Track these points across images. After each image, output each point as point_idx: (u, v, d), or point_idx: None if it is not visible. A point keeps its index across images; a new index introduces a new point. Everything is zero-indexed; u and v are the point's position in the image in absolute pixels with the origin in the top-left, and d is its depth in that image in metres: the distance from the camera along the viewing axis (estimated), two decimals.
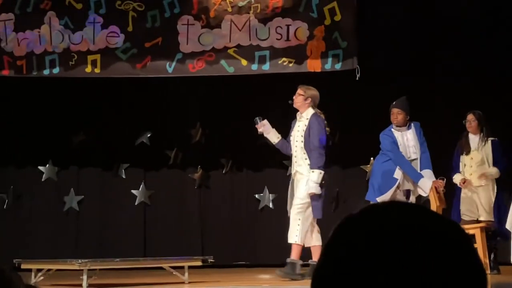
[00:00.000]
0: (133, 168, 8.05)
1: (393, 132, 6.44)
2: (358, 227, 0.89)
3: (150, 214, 8.04)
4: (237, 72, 7.12)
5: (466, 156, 6.57)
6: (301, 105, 6.30)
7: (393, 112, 6.42)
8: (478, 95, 7.32)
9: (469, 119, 6.63)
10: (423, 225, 0.87)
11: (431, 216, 0.89)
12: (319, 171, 6.08)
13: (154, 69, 7.07)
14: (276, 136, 6.41)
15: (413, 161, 6.36)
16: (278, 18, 7.08)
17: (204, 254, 7.21)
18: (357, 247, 0.86)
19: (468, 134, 6.65)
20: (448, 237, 0.86)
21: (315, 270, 0.90)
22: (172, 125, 7.97)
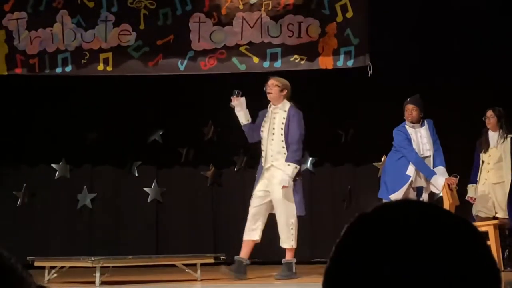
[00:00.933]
0: (146, 165, 8.08)
1: (407, 128, 6.42)
2: (371, 225, 0.89)
3: (163, 211, 8.06)
4: (248, 69, 7.12)
5: (485, 153, 6.53)
6: (277, 97, 6.22)
7: (407, 108, 6.40)
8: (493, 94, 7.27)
9: (488, 116, 6.60)
10: (436, 223, 0.87)
11: (444, 214, 0.89)
12: (294, 165, 6.04)
13: (166, 67, 7.08)
14: (246, 118, 6.33)
15: (426, 158, 6.34)
16: (289, 15, 7.07)
17: (216, 251, 7.22)
18: (370, 245, 0.86)
19: (488, 131, 6.62)
20: (461, 235, 0.86)
21: (327, 268, 0.90)
22: (184, 123, 7.99)
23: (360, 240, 0.87)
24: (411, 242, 0.84)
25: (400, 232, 0.85)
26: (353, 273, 0.85)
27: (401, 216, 0.88)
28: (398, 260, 0.83)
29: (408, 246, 0.84)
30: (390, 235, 0.85)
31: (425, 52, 7.65)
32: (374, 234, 0.87)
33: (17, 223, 7.89)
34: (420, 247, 0.84)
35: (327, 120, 7.93)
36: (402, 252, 0.83)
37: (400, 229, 0.86)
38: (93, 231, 7.97)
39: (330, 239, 7.82)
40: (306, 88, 7.78)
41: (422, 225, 0.86)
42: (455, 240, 0.85)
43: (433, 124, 6.43)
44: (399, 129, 6.46)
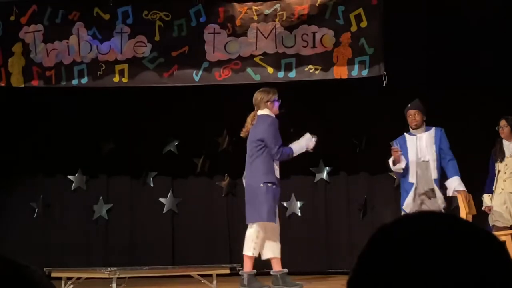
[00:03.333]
0: (161, 176, 8.10)
1: (406, 137, 6.38)
2: (392, 237, 0.89)
3: (178, 222, 8.07)
4: (263, 80, 7.13)
5: (501, 163, 6.50)
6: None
7: (410, 114, 6.37)
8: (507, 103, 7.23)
9: (502, 125, 6.57)
10: (456, 233, 0.87)
11: (463, 224, 0.89)
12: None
13: (181, 78, 7.11)
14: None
15: (425, 163, 6.29)
16: (304, 25, 7.08)
17: (232, 262, 7.21)
18: (392, 257, 0.86)
19: (502, 141, 6.58)
20: (482, 245, 0.86)
21: (350, 279, 0.90)
22: (199, 133, 8.00)
23: (382, 252, 0.88)
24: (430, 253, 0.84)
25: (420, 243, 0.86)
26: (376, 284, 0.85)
27: (420, 227, 0.88)
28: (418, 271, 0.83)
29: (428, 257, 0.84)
30: (412, 247, 0.86)
31: (439, 59, 7.63)
32: (396, 246, 0.87)
33: (34, 234, 7.93)
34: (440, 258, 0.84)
35: (341, 129, 7.92)
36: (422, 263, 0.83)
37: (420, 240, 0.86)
38: (109, 241, 7.99)
39: (346, 249, 7.79)
40: (321, 97, 7.78)
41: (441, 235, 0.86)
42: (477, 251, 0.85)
43: (444, 133, 6.37)
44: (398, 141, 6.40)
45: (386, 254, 0.86)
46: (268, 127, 6.00)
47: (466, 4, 7.40)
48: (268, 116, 6.06)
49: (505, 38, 7.52)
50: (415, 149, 6.28)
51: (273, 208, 5.91)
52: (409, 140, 6.35)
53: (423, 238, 0.85)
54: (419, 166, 6.26)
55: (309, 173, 8.07)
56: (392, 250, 0.87)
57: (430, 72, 7.57)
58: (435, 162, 6.24)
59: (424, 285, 0.82)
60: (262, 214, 5.92)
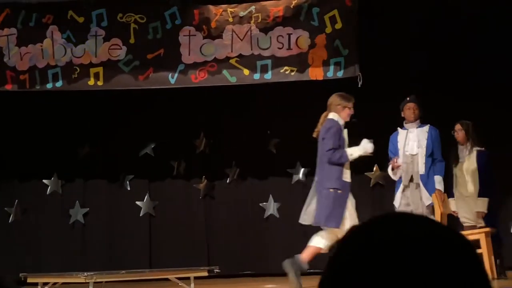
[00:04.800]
0: (138, 179, 8.06)
1: (399, 132, 6.48)
2: (362, 239, 0.89)
3: (155, 225, 8.04)
4: (239, 81, 7.14)
5: (455, 167, 6.59)
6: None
7: (410, 107, 6.46)
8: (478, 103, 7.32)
9: (457, 129, 6.65)
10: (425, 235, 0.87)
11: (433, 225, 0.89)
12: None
13: (156, 80, 7.09)
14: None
15: (413, 157, 6.39)
16: (279, 27, 7.10)
17: (210, 264, 7.21)
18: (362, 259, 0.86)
19: (458, 145, 6.68)
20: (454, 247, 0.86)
21: (320, 282, 0.90)
22: (176, 136, 7.98)
23: (352, 254, 0.88)
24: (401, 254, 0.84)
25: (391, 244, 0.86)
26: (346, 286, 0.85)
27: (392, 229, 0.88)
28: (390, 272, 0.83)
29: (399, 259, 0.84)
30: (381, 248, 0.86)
31: (416, 60, 7.68)
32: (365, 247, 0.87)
33: (10, 239, 7.84)
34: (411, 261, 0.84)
35: None
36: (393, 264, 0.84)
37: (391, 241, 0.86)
38: (86, 246, 7.93)
39: None
40: (297, 99, 7.80)
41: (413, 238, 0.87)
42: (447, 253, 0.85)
43: (438, 134, 6.48)
44: (391, 138, 6.54)
45: (356, 256, 0.87)
46: (329, 130, 6.00)
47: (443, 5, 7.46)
48: (333, 120, 6.05)
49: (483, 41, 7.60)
50: (403, 142, 6.39)
51: (335, 213, 5.84)
52: (401, 134, 6.48)
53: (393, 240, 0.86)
54: (405, 159, 6.37)
55: (286, 174, 8.09)
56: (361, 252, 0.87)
57: (406, 73, 7.62)
58: (423, 158, 6.34)
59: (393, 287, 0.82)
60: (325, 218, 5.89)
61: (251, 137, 7.96)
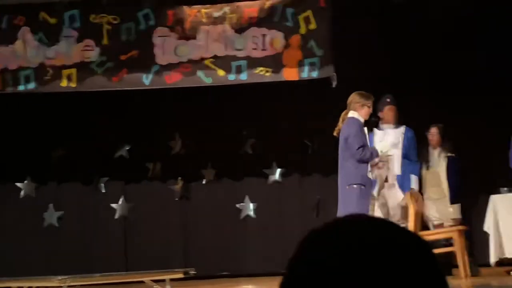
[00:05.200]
0: (113, 181, 8.00)
1: (375, 132, 6.53)
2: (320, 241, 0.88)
3: (131, 227, 7.99)
4: (214, 82, 7.12)
5: (427, 170, 6.63)
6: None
7: (392, 109, 6.53)
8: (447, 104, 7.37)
9: (432, 133, 6.67)
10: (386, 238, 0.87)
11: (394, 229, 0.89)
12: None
13: (130, 81, 7.04)
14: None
15: (390, 157, 6.48)
16: (253, 28, 7.10)
17: (186, 265, 7.17)
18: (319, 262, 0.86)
19: (429, 148, 6.71)
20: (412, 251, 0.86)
21: (280, 285, 0.90)
22: (151, 137, 7.94)
23: (310, 257, 0.87)
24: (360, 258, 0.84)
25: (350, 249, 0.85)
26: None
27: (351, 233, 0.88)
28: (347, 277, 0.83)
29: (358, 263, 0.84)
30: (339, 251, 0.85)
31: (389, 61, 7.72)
32: (323, 250, 0.87)
33: None
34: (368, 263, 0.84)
35: (294, 130, 7.96)
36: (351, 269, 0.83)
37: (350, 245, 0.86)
38: (60, 249, 7.86)
39: None
40: (273, 99, 7.80)
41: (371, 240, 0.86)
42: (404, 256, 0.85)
43: (414, 135, 6.55)
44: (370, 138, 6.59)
45: (315, 259, 0.86)
46: (351, 128, 5.99)
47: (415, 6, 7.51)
48: (354, 118, 6.04)
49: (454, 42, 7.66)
50: (379, 143, 6.43)
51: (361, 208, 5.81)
52: (377, 134, 6.52)
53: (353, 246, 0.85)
54: (382, 159, 6.42)
55: (262, 174, 8.09)
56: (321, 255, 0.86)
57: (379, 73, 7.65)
58: (399, 158, 6.39)
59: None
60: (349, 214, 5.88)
61: (227, 138, 7.95)
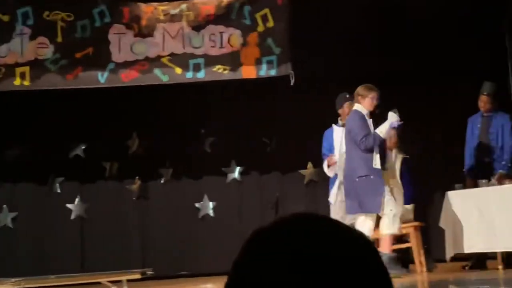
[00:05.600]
0: (68, 181, 7.88)
1: (334, 129, 6.59)
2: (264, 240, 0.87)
3: (87, 228, 7.88)
4: (171, 80, 7.07)
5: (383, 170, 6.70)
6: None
7: (351, 106, 6.59)
8: None
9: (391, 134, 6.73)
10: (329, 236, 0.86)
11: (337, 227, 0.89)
12: None
13: (85, 79, 6.94)
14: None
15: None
16: (211, 25, 7.07)
17: (144, 266, 7.11)
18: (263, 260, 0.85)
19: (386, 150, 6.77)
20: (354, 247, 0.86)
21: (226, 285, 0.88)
22: (108, 136, 7.83)
23: (254, 256, 0.86)
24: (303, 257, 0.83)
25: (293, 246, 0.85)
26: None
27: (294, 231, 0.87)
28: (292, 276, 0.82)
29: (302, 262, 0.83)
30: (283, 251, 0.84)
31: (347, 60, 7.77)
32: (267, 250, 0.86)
33: None
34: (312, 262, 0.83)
35: (252, 129, 7.96)
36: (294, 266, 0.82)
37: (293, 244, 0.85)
38: (15, 251, 7.70)
39: None
40: (231, 97, 7.78)
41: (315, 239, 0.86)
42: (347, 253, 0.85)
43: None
44: (325, 134, 6.63)
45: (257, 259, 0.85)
46: (353, 121, 6.03)
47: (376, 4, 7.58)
48: (357, 111, 6.09)
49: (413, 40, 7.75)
50: (339, 140, 6.49)
51: (372, 198, 5.85)
52: (336, 131, 6.56)
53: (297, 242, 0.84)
54: (342, 157, 6.47)
55: (221, 173, 8.06)
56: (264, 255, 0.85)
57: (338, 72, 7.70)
58: None
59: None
60: (362, 206, 5.89)
61: (185, 137, 7.90)
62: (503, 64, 7.91)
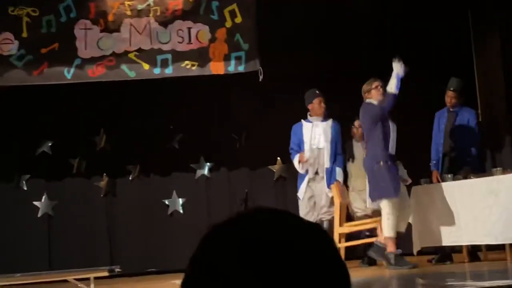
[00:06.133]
0: (35, 179, 7.78)
1: (303, 124, 6.63)
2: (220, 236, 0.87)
3: (55, 225, 7.79)
4: (138, 76, 7.01)
5: (352, 163, 6.76)
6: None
7: (321, 101, 6.62)
8: None
9: (357, 126, 6.79)
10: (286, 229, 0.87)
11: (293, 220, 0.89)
12: None
13: (52, 75, 6.85)
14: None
15: (318, 150, 6.59)
16: (178, 21, 7.03)
17: (113, 263, 7.06)
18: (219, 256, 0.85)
19: (353, 141, 6.83)
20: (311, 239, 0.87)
21: (182, 283, 0.88)
22: (75, 133, 7.75)
23: (209, 252, 0.86)
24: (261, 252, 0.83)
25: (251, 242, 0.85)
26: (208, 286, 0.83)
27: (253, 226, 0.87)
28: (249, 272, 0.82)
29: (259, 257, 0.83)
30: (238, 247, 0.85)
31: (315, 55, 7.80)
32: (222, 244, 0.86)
33: None
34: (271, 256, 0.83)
35: (221, 124, 7.95)
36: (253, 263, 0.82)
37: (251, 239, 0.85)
38: None
39: None
40: (199, 93, 7.76)
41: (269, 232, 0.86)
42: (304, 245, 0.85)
43: (340, 128, 6.67)
44: (294, 129, 6.65)
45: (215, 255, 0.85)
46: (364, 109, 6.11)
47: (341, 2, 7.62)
48: (368, 104, 6.12)
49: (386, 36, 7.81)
50: (309, 136, 6.52)
51: (389, 183, 5.89)
52: (305, 127, 6.60)
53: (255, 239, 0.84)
54: (312, 152, 6.50)
55: (190, 169, 8.04)
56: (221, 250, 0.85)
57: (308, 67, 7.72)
58: (329, 152, 6.50)
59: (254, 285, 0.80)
60: (381, 191, 5.93)
61: (153, 133, 7.85)
62: (469, 60, 8.02)
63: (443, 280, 4.99)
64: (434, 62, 7.77)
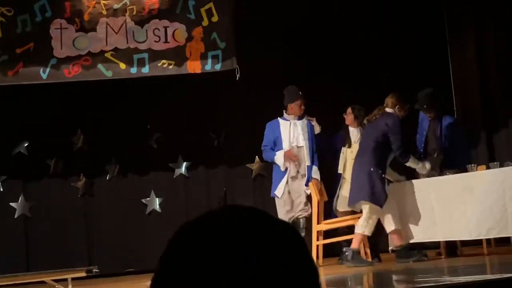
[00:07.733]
0: (11, 179, 7.71)
1: (280, 122, 6.63)
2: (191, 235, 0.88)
3: (32, 226, 7.73)
4: (115, 76, 6.98)
5: (349, 148, 6.77)
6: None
7: (303, 103, 6.62)
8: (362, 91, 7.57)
9: (347, 112, 6.85)
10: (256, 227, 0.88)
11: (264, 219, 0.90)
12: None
13: (27, 75, 6.80)
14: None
15: (300, 148, 6.60)
16: (155, 20, 7.01)
17: (91, 264, 7.02)
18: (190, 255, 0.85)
19: (348, 128, 6.87)
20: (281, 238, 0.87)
21: (151, 282, 0.88)
22: (51, 133, 7.70)
23: (178, 251, 0.87)
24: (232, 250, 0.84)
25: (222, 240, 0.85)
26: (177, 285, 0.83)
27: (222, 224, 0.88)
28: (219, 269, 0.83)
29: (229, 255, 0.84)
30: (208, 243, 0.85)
31: (291, 54, 7.82)
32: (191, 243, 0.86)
33: None
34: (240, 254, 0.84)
35: (199, 124, 7.94)
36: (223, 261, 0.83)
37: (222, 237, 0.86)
38: None
39: None
40: (177, 92, 7.75)
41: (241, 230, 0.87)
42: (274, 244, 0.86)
43: (313, 126, 6.71)
44: (270, 126, 6.66)
45: (184, 254, 0.85)
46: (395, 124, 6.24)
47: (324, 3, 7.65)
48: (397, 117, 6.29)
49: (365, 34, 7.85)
50: (288, 134, 6.54)
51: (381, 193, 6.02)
52: (283, 125, 6.61)
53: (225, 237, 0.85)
54: (292, 151, 6.52)
55: (168, 168, 8.02)
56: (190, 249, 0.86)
57: (284, 66, 7.74)
58: (308, 149, 6.53)
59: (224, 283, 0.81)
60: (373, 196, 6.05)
61: (131, 132, 7.82)
62: (445, 68, 8.08)
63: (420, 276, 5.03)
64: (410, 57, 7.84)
